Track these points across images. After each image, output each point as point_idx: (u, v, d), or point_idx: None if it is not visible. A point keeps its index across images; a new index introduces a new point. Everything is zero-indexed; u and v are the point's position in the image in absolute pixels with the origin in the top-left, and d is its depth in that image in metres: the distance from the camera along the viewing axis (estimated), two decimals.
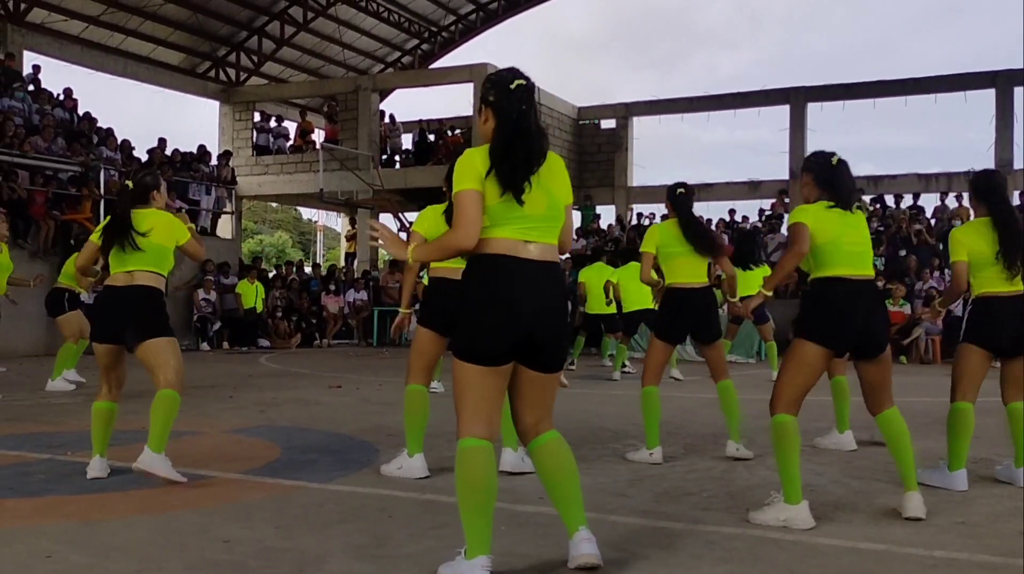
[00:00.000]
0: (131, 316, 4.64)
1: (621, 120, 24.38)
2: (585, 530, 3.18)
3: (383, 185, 20.52)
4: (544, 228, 3.09)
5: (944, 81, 21.48)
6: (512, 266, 3.02)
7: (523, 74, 3.21)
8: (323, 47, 24.44)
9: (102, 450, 4.85)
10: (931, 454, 5.62)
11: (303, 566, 3.24)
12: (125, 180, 5.01)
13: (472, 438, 3.01)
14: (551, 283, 3.09)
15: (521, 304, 3.00)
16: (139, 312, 4.65)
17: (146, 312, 4.67)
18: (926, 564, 3.30)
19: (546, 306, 3.06)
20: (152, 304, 4.70)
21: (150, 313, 4.68)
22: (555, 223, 3.13)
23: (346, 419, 7.15)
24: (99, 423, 4.88)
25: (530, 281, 3.03)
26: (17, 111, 16.28)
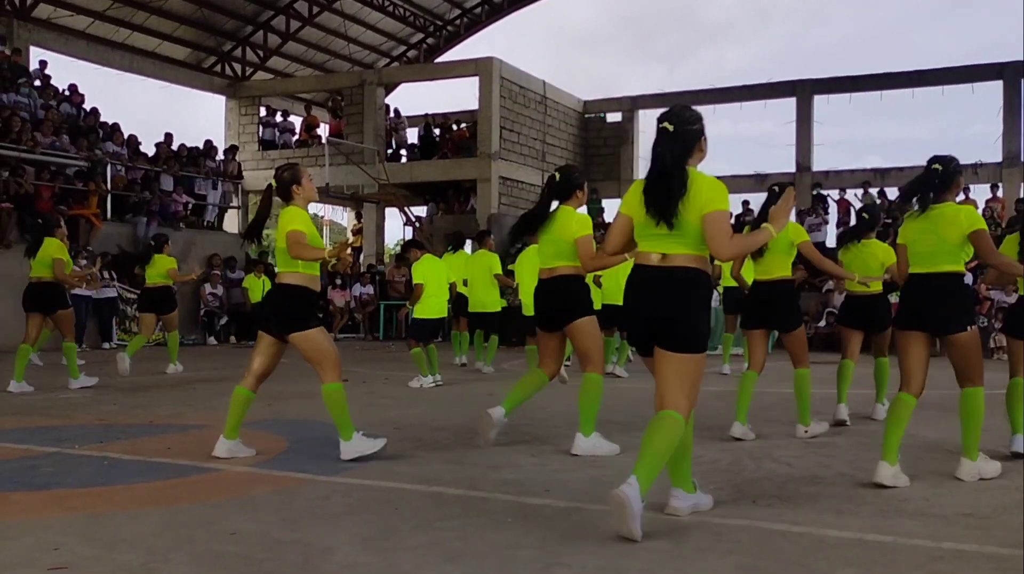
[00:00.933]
0: (273, 312, 5.10)
1: (627, 114, 24.34)
2: (673, 489, 3.90)
3: (389, 179, 20.52)
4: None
5: (951, 73, 21.40)
6: None
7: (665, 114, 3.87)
8: (328, 41, 24.44)
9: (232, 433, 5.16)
10: (941, 446, 5.61)
11: (309, 558, 3.25)
12: (272, 179, 5.28)
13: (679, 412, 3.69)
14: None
15: None
16: (279, 308, 5.07)
17: (286, 308, 5.04)
18: (933, 556, 3.29)
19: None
20: (291, 300, 5.06)
21: (290, 309, 5.04)
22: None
23: (353, 413, 7.10)
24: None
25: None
26: (23, 107, 16.31)
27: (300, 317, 5.00)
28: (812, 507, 4.00)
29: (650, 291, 3.77)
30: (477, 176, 20.53)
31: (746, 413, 5.88)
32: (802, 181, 21.93)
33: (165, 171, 18.13)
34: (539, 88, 22.31)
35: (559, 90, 23.31)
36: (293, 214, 5.00)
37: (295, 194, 5.11)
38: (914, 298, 4.72)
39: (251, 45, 23.35)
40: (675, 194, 3.68)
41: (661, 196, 3.72)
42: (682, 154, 3.79)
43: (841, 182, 21.63)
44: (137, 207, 17.00)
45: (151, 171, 17.87)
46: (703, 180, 3.77)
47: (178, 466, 4.93)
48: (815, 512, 3.91)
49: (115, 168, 16.94)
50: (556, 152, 23.25)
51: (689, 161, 3.82)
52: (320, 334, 5.07)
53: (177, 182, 18.33)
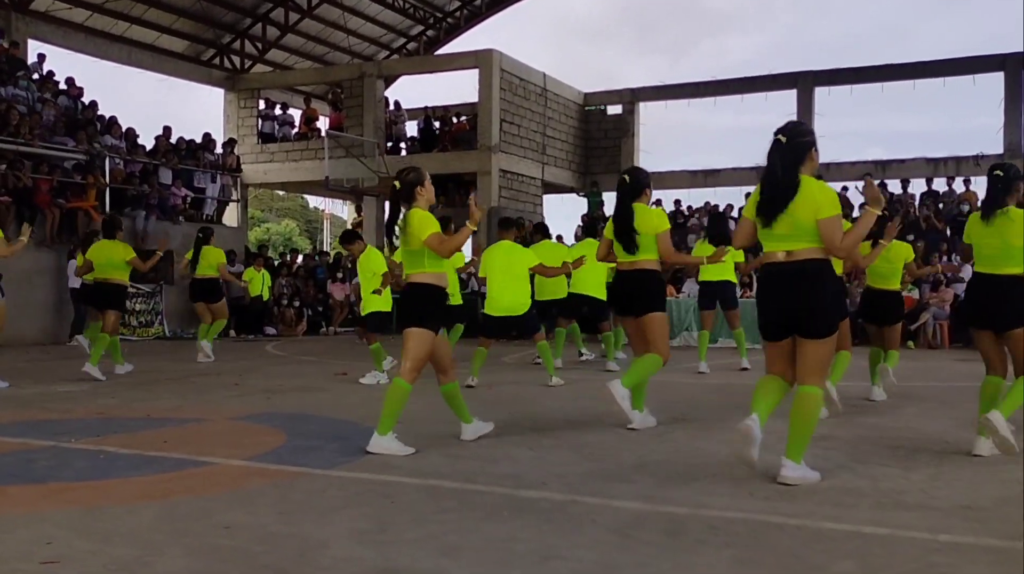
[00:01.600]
0: (408, 310, 5.27)
1: (627, 106, 24.28)
2: (784, 459, 4.27)
3: (388, 172, 20.47)
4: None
5: (953, 64, 21.33)
6: None
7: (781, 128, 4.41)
8: (328, 34, 24.37)
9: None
10: (940, 438, 5.60)
11: (305, 551, 3.24)
12: (394, 180, 5.36)
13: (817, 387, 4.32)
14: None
15: None
16: (414, 306, 5.25)
17: (418, 306, 5.23)
18: (931, 548, 3.28)
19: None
20: (423, 299, 5.23)
21: (420, 307, 5.23)
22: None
23: (351, 406, 7.15)
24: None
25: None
26: (21, 100, 16.27)
27: (425, 315, 5.22)
28: (810, 499, 3.99)
29: (781, 285, 4.35)
30: (477, 169, 20.49)
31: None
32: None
33: (164, 164, 18.11)
34: (539, 80, 22.25)
35: (560, 82, 23.25)
36: (425, 219, 5.15)
37: (418, 195, 5.26)
38: (978, 297, 5.20)
39: (250, 37, 23.29)
40: (784, 200, 4.26)
41: (771, 201, 4.32)
42: (793, 163, 4.34)
43: (842, 174, 21.58)
44: (136, 200, 16.98)
45: (150, 164, 17.85)
46: (814, 186, 4.31)
47: (175, 460, 4.92)
48: (813, 504, 3.90)
49: (113, 161, 16.91)
50: (556, 145, 23.20)
51: (801, 169, 4.34)
52: (424, 334, 5.22)
53: (176, 175, 18.31)
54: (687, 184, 23.23)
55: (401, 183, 5.26)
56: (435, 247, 5.07)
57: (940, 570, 3.04)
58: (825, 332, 4.30)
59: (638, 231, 5.75)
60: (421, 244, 5.09)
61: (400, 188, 5.26)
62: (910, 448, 5.23)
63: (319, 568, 3.06)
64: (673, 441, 5.50)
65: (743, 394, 7.91)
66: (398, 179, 5.30)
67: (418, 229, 5.09)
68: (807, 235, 4.24)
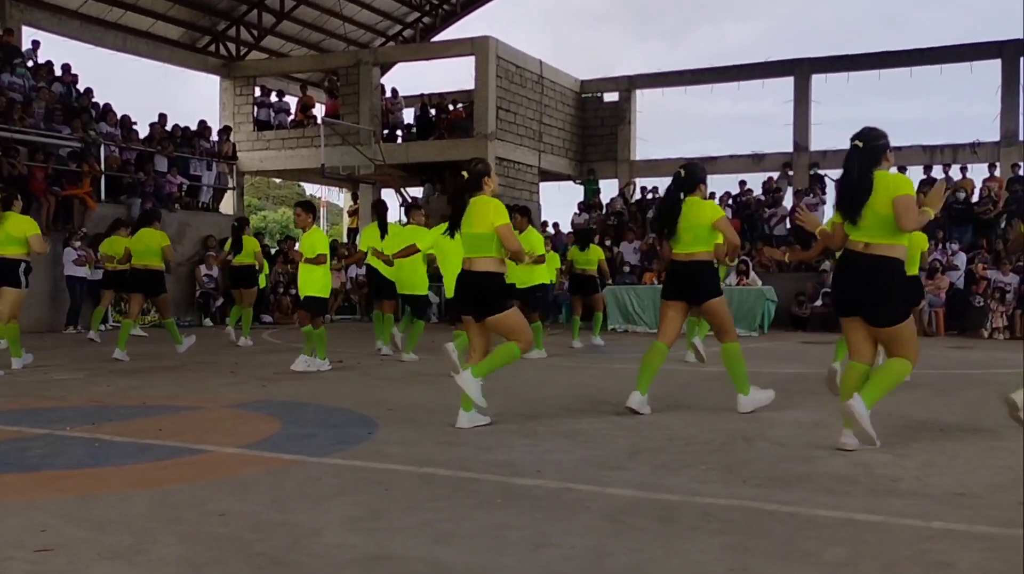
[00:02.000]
0: (475, 297, 5.48)
1: (624, 93, 24.23)
2: (856, 395, 4.61)
3: (385, 160, 20.44)
4: None
5: (950, 52, 21.28)
6: None
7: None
8: (323, 20, 24.26)
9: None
10: (932, 425, 5.61)
11: (298, 539, 3.24)
12: (462, 172, 5.53)
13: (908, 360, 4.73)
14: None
15: None
16: (482, 294, 5.43)
17: (484, 293, 5.43)
18: (924, 535, 3.29)
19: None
20: (488, 286, 5.45)
21: (487, 294, 5.44)
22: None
23: (346, 394, 7.15)
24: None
25: None
26: (18, 87, 16.20)
27: (496, 301, 5.42)
28: (803, 487, 4.00)
29: (856, 272, 4.80)
30: (474, 156, 20.44)
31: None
32: (799, 161, 21.88)
33: (159, 152, 18.05)
34: (536, 68, 22.19)
35: (556, 70, 23.19)
36: (499, 207, 5.41)
37: (486, 185, 5.48)
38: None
39: (245, 24, 23.18)
40: (861, 199, 4.71)
41: (852, 202, 4.75)
42: (869, 165, 4.78)
43: (839, 162, 21.28)
44: (131, 188, 16.94)
45: (145, 152, 17.79)
46: (887, 176, 4.76)
47: (169, 447, 4.92)
48: (806, 492, 3.91)
49: (109, 149, 16.85)
50: (553, 132, 23.16)
51: (876, 171, 4.78)
52: (515, 313, 5.50)
53: (171, 163, 18.25)
54: None
55: (469, 173, 5.49)
56: (506, 236, 5.34)
57: (933, 557, 3.04)
58: (886, 322, 4.72)
59: (690, 224, 5.98)
60: (491, 229, 5.33)
61: (468, 178, 5.48)
62: (904, 435, 5.24)
63: (312, 555, 3.07)
64: (667, 428, 5.50)
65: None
66: (467, 170, 5.53)
67: (493, 216, 5.34)
68: (886, 229, 4.68)
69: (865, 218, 4.71)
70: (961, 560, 3.01)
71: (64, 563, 2.98)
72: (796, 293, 16.53)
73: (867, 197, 4.69)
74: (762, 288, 15.58)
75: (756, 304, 15.10)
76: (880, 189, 4.68)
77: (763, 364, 9.99)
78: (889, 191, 4.66)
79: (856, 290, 4.80)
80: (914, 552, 3.10)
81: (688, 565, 2.97)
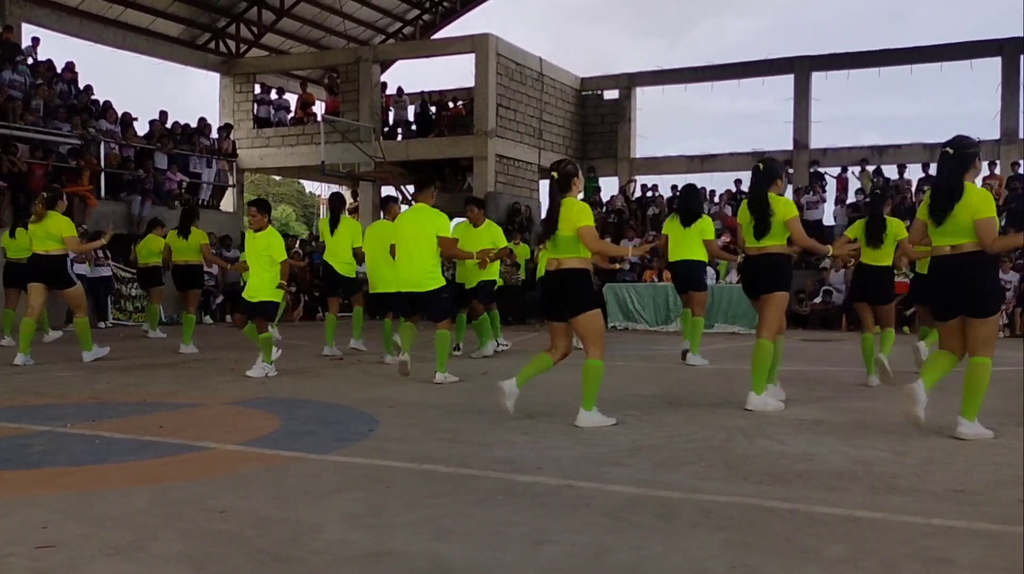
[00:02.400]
0: (562, 296, 5.58)
1: (624, 91, 24.23)
2: (960, 418, 5.08)
3: (384, 157, 20.43)
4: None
5: (950, 49, 21.29)
6: None
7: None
8: (323, 18, 24.25)
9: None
10: (932, 424, 5.62)
11: (298, 535, 3.24)
12: (552, 171, 5.60)
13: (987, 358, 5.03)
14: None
15: None
16: (569, 292, 5.53)
17: (573, 291, 5.52)
18: (923, 532, 3.29)
19: None
20: (577, 285, 5.53)
21: (576, 292, 5.53)
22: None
23: (346, 391, 7.15)
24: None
25: None
26: (17, 84, 16.19)
27: (585, 299, 5.53)
28: (803, 484, 4.00)
29: (947, 274, 5.07)
30: (474, 154, 20.44)
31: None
32: (799, 158, 21.88)
33: (159, 149, 18.05)
34: (536, 65, 22.18)
35: (556, 67, 23.18)
36: (585, 209, 5.51)
37: (574, 185, 5.57)
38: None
39: (245, 22, 23.17)
40: (951, 203, 4.98)
41: (941, 205, 5.03)
42: (960, 171, 5.05)
43: (839, 159, 21.57)
44: (131, 185, 16.94)
45: (145, 149, 17.78)
46: (974, 191, 5.02)
47: (170, 444, 4.93)
48: (806, 489, 3.91)
49: (109, 146, 16.84)
50: (553, 130, 23.15)
51: (966, 176, 5.06)
52: (598, 315, 5.58)
53: (171, 160, 18.25)
54: (684, 169, 23.21)
55: (559, 174, 5.56)
56: (588, 238, 5.43)
57: (932, 554, 3.05)
58: (985, 312, 5.00)
59: (773, 217, 6.14)
60: (575, 231, 5.42)
61: (558, 178, 5.55)
62: (903, 433, 5.24)
63: (312, 552, 3.07)
64: (667, 426, 5.51)
65: (738, 379, 7.94)
66: (555, 170, 5.60)
67: (576, 217, 5.43)
68: (967, 232, 4.97)
69: (949, 223, 5.00)
70: (961, 557, 3.02)
71: (65, 559, 2.99)
72: (796, 291, 16.54)
73: (954, 204, 4.97)
74: None
75: None
76: (967, 202, 4.96)
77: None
78: (973, 208, 4.94)
79: (951, 292, 5.08)
80: (914, 549, 3.10)
81: (688, 562, 2.97)
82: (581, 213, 5.46)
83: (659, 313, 15.80)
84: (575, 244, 5.46)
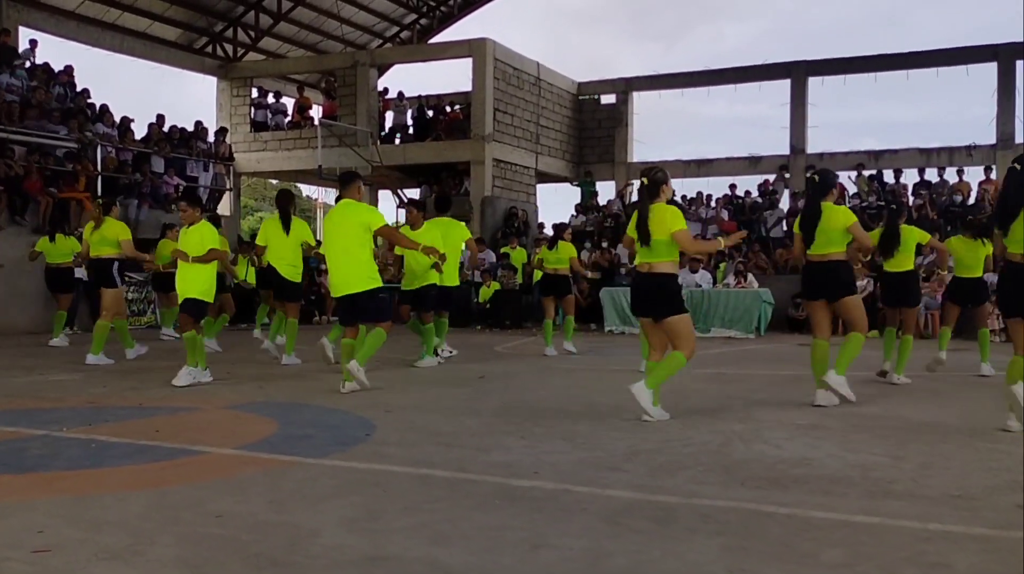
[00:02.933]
0: (655, 299, 5.81)
1: (621, 95, 24.25)
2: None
3: (382, 161, 20.44)
4: None
5: (946, 55, 21.33)
6: None
7: None
8: (321, 22, 24.26)
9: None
10: (931, 427, 5.62)
11: (295, 540, 3.24)
12: (642, 178, 5.87)
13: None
14: None
15: None
16: (662, 295, 5.78)
17: (666, 294, 5.78)
18: (921, 537, 3.29)
19: None
20: (670, 288, 5.81)
21: (669, 295, 5.79)
22: None
23: (343, 395, 7.14)
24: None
25: None
26: (15, 88, 16.18)
27: (677, 303, 5.77)
28: (800, 488, 4.00)
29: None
30: (471, 158, 20.46)
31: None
32: (796, 163, 21.91)
33: (156, 153, 18.04)
34: (533, 70, 22.21)
35: (553, 71, 23.21)
36: (677, 214, 5.74)
37: (663, 192, 5.78)
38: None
39: (243, 25, 23.17)
40: (1017, 212, 5.33)
41: (1007, 216, 5.39)
42: (1021, 185, 5.34)
43: (835, 164, 21.57)
44: (128, 189, 16.92)
45: (142, 153, 17.77)
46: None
47: (166, 448, 4.92)
48: (803, 493, 3.91)
49: (106, 149, 16.83)
50: (550, 135, 23.18)
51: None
52: (688, 318, 5.83)
53: (168, 164, 18.24)
54: (681, 174, 23.20)
55: (649, 180, 5.78)
56: (685, 241, 5.67)
57: (929, 559, 3.05)
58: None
59: (824, 227, 6.42)
60: (668, 235, 5.63)
61: (648, 184, 5.78)
62: (900, 437, 5.25)
63: (309, 556, 3.07)
64: (665, 430, 5.50)
65: (735, 383, 7.95)
66: (646, 176, 5.84)
67: (671, 222, 5.64)
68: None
69: (1014, 230, 5.38)
70: (958, 562, 3.02)
71: (61, 564, 2.98)
72: (792, 295, 16.55)
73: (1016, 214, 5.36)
74: (759, 290, 15.61)
75: (752, 306, 15.12)
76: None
77: (760, 366, 10.01)
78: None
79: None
80: (911, 553, 3.10)
81: (686, 567, 2.97)
82: (674, 218, 5.68)
83: None
84: (668, 248, 5.68)
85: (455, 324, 17.57)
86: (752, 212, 20.07)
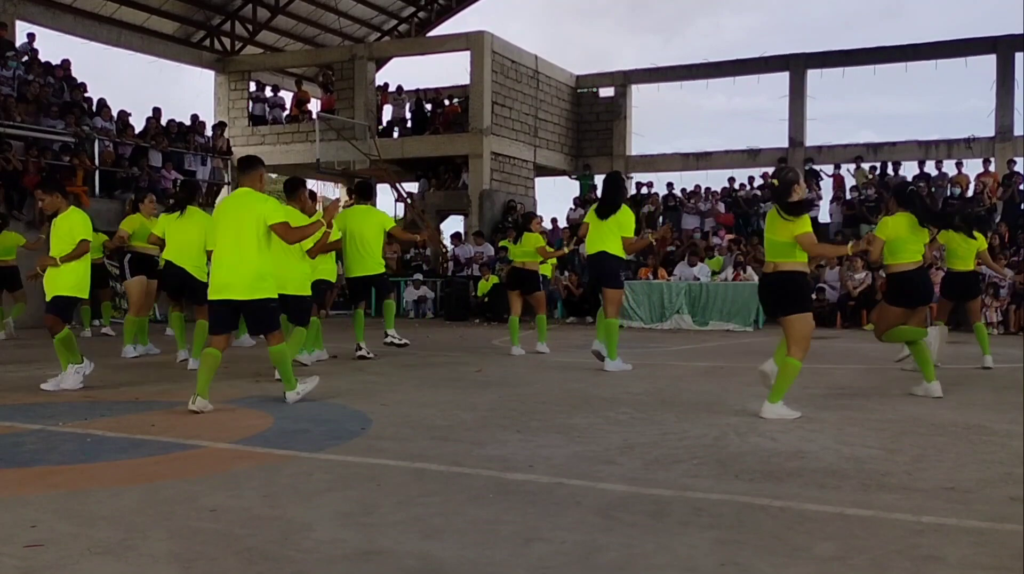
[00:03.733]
0: (780, 296, 5.80)
1: (620, 88, 24.23)
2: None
3: (380, 155, 20.42)
4: None
5: (945, 47, 21.32)
6: None
7: None
8: (318, 15, 24.22)
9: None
10: (924, 420, 5.62)
11: (289, 534, 3.24)
12: (771, 179, 5.86)
13: None
14: None
15: None
16: (786, 293, 5.78)
17: (790, 291, 5.76)
18: (914, 530, 3.30)
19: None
20: (795, 285, 5.80)
21: (792, 292, 5.77)
22: None
23: (340, 389, 7.14)
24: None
25: None
26: (7, 81, 16.14)
27: (798, 301, 5.73)
28: (794, 481, 4.00)
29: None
30: (469, 152, 20.45)
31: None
32: (795, 156, 21.89)
33: (154, 147, 18.01)
34: (531, 63, 22.18)
35: (551, 64, 23.18)
36: (803, 216, 5.73)
37: (795, 192, 5.72)
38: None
39: (240, 19, 23.14)
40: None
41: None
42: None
43: (834, 157, 21.60)
44: (126, 183, 16.90)
45: (139, 147, 17.74)
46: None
47: (161, 443, 4.92)
48: (797, 486, 3.92)
49: (103, 143, 16.80)
50: (548, 128, 23.15)
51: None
52: (809, 318, 5.76)
53: (166, 158, 18.21)
54: (679, 167, 23.23)
55: (780, 181, 5.77)
56: (806, 243, 5.64)
57: (922, 551, 3.05)
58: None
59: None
60: (792, 237, 5.62)
61: (778, 186, 5.77)
62: (894, 430, 5.25)
63: (302, 551, 3.07)
64: (659, 424, 5.51)
65: (732, 377, 7.95)
66: (776, 177, 5.86)
67: (796, 225, 5.61)
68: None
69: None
70: (950, 554, 3.02)
71: (54, 558, 2.98)
72: None
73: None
74: (757, 284, 15.60)
75: (751, 299, 15.11)
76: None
77: (757, 359, 10.00)
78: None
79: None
80: (904, 546, 3.11)
81: (679, 560, 2.97)
82: (799, 221, 5.68)
83: (654, 311, 15.81)
84: (791, 248, 5.66)
85: (454, 318, 17.62)
86: (749, 205, 20.05)
